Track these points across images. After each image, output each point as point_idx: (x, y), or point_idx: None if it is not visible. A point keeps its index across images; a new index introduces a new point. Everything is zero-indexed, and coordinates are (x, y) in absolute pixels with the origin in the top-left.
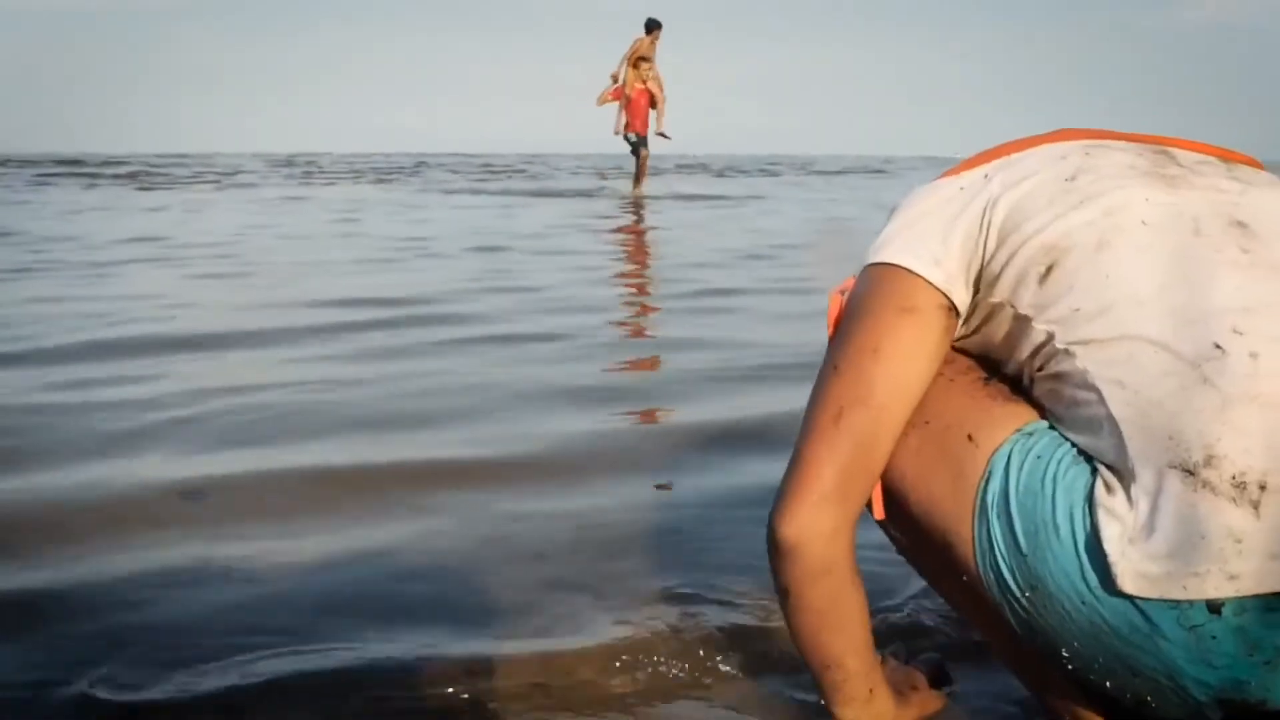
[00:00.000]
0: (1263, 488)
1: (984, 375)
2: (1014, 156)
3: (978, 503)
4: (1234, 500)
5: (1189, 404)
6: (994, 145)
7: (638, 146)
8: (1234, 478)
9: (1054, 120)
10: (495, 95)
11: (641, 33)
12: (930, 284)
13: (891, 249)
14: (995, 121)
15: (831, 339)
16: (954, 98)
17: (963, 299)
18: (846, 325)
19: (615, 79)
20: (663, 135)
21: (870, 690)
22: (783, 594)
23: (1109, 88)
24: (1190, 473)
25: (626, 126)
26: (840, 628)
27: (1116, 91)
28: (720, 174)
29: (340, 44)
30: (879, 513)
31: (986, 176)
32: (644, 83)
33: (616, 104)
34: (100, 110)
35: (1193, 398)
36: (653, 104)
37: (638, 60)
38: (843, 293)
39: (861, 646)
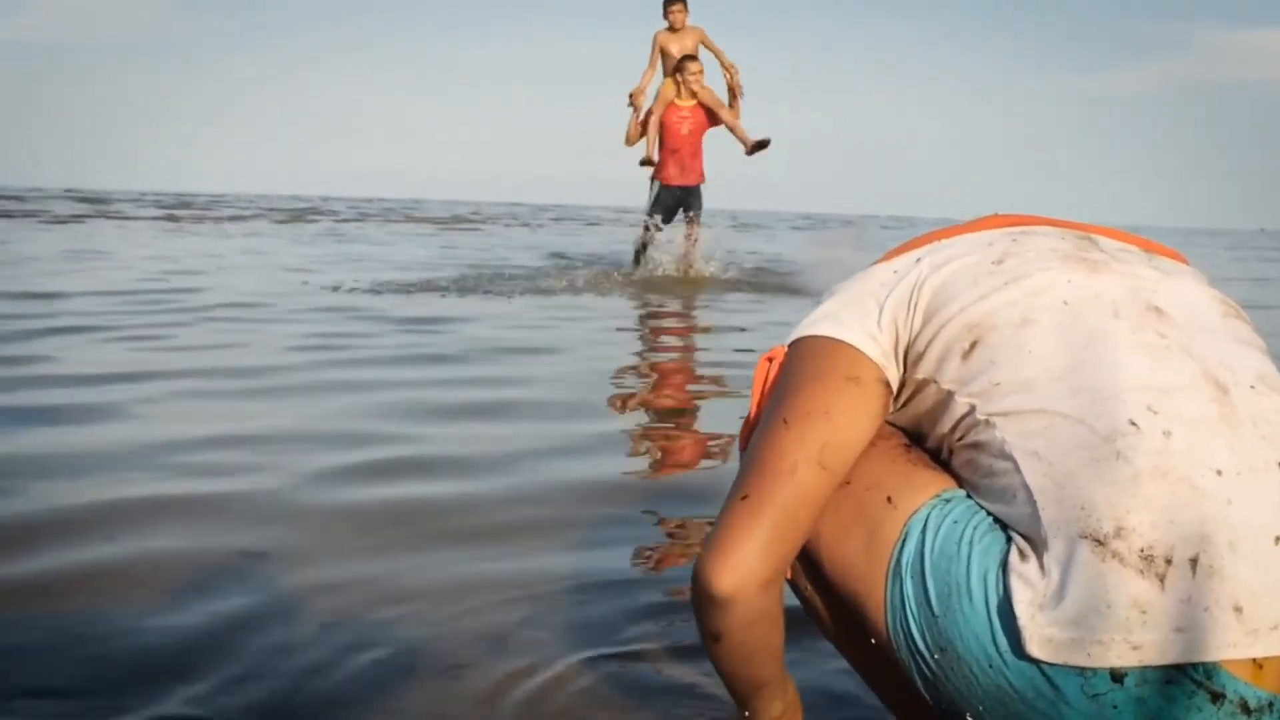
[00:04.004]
0: (1169, 561)
1: (906, 441)
2: (943, 242)
3: (892, 563)
4: (1141, 572)
5: (1102, 476)
6: (927, 232)
7: (667, 206)
8: (1142, 550)
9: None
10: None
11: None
12: (870, 359)
13: (829, 324)
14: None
15: (769, 396)
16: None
17: (895, 376)
18: (793, 385)
19: (636, 104)
20: (760, 146)
21: (784, 685)
22: (711, 638)
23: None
24: (1100, 543)
25: (657, 171)
26: (767, 659)
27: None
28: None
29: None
30: (789, 571)
31: (918, 260)
32: (691, 97)
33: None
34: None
35: (1106, 471)
36: (713, 121)
37: (678, 64)
38: (770, 360)
39: (780, 660)
